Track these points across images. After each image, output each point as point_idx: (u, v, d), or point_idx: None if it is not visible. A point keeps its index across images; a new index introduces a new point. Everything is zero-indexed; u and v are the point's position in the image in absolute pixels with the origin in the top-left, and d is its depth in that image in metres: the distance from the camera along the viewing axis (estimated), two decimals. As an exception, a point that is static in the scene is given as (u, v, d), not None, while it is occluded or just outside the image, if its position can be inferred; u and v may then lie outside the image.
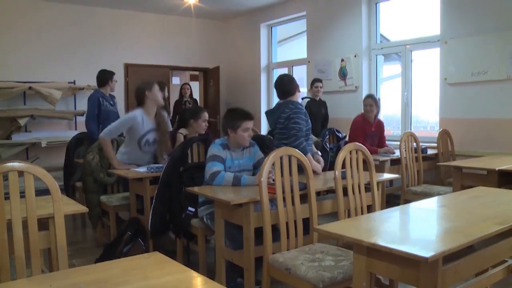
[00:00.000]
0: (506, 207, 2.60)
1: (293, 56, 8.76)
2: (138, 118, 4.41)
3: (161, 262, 1.78)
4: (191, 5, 8.22)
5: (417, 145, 5.29)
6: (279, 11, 8.55)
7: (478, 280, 2.67)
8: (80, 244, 4.93)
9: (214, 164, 3.42)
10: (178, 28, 9.35)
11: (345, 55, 7.22)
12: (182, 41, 9.39)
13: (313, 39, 7.87)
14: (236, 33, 9.66)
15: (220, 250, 3.24)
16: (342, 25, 7.30)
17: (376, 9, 7.07)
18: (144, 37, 8.69)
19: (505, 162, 4.42)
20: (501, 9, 5.38)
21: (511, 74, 5.32)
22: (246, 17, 9.36)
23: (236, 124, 3.50)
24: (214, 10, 8.87)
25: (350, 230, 2.12)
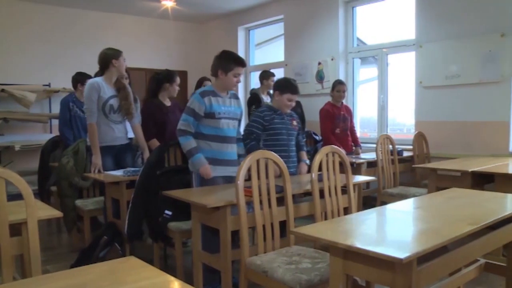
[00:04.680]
0: (479, 207, 2.65)
1: (270, 59, 8.77)
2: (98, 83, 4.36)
3: (137, 267, 1.76)
4: (168, 8, 8.20)
5: (393, 148, 5.35)
6: (257, 14, 8.57)
7: (451, 279, 2.72)
8: (55, 249, 4.85)
9: (186, 119, 3.50)
10: (156, 31, 9.30)
11: (322, 58, 7.26)
12: (160, 44, 9.35)
13: (290, 42, 7.90)
14: (214, 36, 9.65)
15: (197, 253, 3.22)
16: (320, 28, 7.35)
17: (353, 13, 7.14)
18: (122, 39, 8.60)
19: (478, 163, 4.50)
20: (474, 15, 5.48)
21: (483, 78, 5.43)
22: (224, 20, 9.36)
23: (229, 66, 3.51)
24: (192, 13, 8.85)
25: (326, 232, 2.13)
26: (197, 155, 3.46)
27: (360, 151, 5.81)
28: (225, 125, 3.57)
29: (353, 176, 3.53)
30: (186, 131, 3.49)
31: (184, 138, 3.50)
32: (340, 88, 5.72)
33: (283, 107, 3.92)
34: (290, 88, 3.89)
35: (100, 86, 4.35)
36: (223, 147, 3.58)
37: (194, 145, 3.48)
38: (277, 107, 3.95)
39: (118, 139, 4.50)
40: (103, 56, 4.44)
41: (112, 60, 4.40)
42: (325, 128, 5.65)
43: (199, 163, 3.46)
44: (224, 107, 3.57)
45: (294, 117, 4.10)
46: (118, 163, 4.53)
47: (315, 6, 7.41)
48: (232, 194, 2.85)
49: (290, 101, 3.91)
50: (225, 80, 3.54)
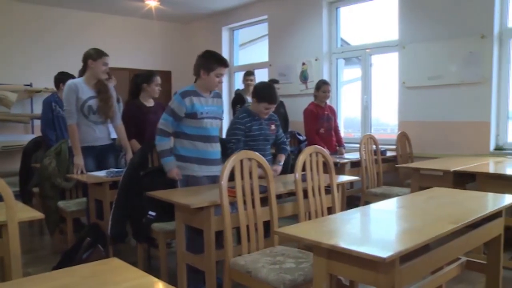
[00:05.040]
0: (460, 206, 2.68)
1: (254, 59, 8.78)
2: (76, 84, 4.32)
3: (120, 268, 1.75)
4: (152, 7, 8.16)
5: (376, 148, 5.39)
6: (241, 15, 8.57)
7: (434, 277, 2.75)
8: (37, 252, 4.79)
9: (165, 118, 3.52)
10: (139, 31, 9.26)
11: (306, 59, 7.29)
12: (144, 44, 9.31)
13: (274, 42, 7.91)
14: (198, 36, 9.62)
15: (181, 254, 3.21)
16: (303, 29, 7.38)
17: (337, 13, 7.17)
18: (105, 39, 8.52)
19: (460, 163, 4.55)
20: (455, 17, 5.55)
21: (464, 78, 5.49)
22: (208, 20, 9.34)
23: (211, 66, 3.51)
24: (176, 13, 8.82)
25: (310, 232, 2.14)
26: (167, 158, 3.51)
27: (344, 151, 5.84)
28: (208, 125, 3.57)
29: (336, 176, 3.55)
30: (164, 131, 3.52)
31: (160, 138, 3.53)
32: (325, 88, 5.73)
33: (260, 114, 3.89)
34: (267, 98, 3.81)
35: (78, 87, 4.31)
36: (207, 147, 3.58)
37: (167, 147, 3.52)
38: (256, 112, 3.91)
39: (99, 140, 4.46)
40: (84, 55, 4.40)
41: (89, 60, 4.35)
42: (309, 128, 5.67)
43: (168, 166, 3.51)
44: (206, 107, 3.56)
45: (273, 120, 4.04)
46: (101, 163, 4.50)
47: (299, 7, 7.43)
48: (216, 194, 2.84)
49: (267, 110, 3.86)
50: (207, 80, 3.54)
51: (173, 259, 3.69)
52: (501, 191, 3.45)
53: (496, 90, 5.39)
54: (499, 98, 5.42)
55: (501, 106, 5.43)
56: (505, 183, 3.96)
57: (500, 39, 5.37)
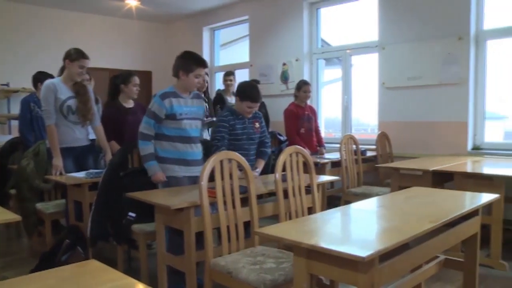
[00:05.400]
0: (438, 205, 2.71)
1: (235, 59, 8.77)
2: (54, 84, 4.26)
3: (99, 270, 1.72)
4: (132, 7, 8.10)
5: (356, 148, 5.43)
6: (222, 15, 8.56)
7: (413, 276, 2.78)
8: (14, 255, 4.71)
9: (146, 121, 3.51)
10: (120, 31, 9.18)
11: (287, 59, 7.31)
12: (124, 43, 9.24)
13: (255, 43, 7.92)
14: (179, 36, 9.59)
15: (161, 255, 3.19)
16: (284, 29, 7.40)
17: (317, 14, 7.21)
18: (84, 38, 8.43)
19: (438, 163, 4.61)
20: (434, 18, 5.62)
21: (442, 79, 5.57)
22: (188, 20, 9.31)
23: (190, 67, 3.50)
24: (157, 13, 8.78)
25: (290, 232, 2.14)
26: (150, 162, 3.50)
27: (324, 151, 5.86)
28: (187, 126, 3.57)
29: (317, 176, 3.56)
30: (147, 135, 3.51)
31: (143, 142, 3.51)
32: (306, 88, 5.75)
33: (244, 113, 3.89)
34: (250, 96, 3.82)
35: (56, 87, 4.25)
36: (187, 147, 3.57)
37: (150, 151, 3.51)
38: (239, 112, 3.92)
39: (79, 141, 4.41)
40: (65, 53, 4.35)
41: (66, 60, 4.30)
42: (290, 129, 5.68)
43: (151, 170, 3.50)
44: (185, 108, 3.56)
45: (257, 119, 4.04)
46: (80, 165, 4.44)
47: (280, 7, 7.45)
48: (196, 195, 2.83)
49: (250, 108, 3.87)
50: (187, 81, 3.53)
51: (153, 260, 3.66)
52: (478, 190, 3.51)
53: (473, 91, 5.48)
54: (476, 98, 5.51)
55: (478, 106, 5.52)
56: (481, 182, 4.03)
57: (477, 41, 5.46)
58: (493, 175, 4.03)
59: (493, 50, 5.47)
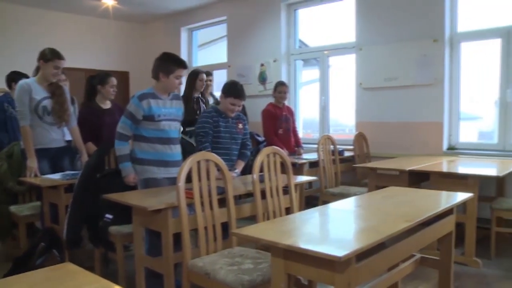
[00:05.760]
0: (415, 205, 2.75)
1: (213, 60, 8.75)
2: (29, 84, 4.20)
3: (74, 273, 1.70)
4: (109, 6, 8.02)
5: (334, 148, 5.46)
6: (200, 15, 8.53)
7: (389, 274, 2.81)
8: (-13, 259, 4.62)
9: (124, 121, 3.49)
10: (96, 30, 9.06)
11: (265, 60, 7.32)
12: (101, 43, 9.12)
13: (233, 43, 7.91)
14: (157, 36, 9.52)
15: (139, 257, 3.16)
16: (262, 30, 7.40)
17: (295, 15, 7.24)
18: (60, 38, 8.27)
19: (414, 162, 4.67)
20: (410, 21, 5.69)
21: (418, 80, 5.64)
22: (166, 21, 9.26)
23: (170, 69, 3.48)
24: (134, 13, 8.71)
25: (267, 233, 2.14)
26: (125, 163, 3.49)
27: (302, 151, 5.88)
28: (166, 127, 3.55)
29: (294, 176, 3.57)
30: (123, 135, 3.49)
31: (119, 142, 3.50)
32: (281, 89, 5.77)
33: (227, 111, 3.89)
34: (234, 92, 3.85)
35: (30, 87, 4.19)
36: (166, 149, 3.56)
37: (125, 152, 3.50)
38: (223, 111, 3.93)
39: (54, 142, 4.35)
40: (39, 53, 4.28)
41: (40, 61, 4.24)
42: (268, 129, 5.69)
43: (124, 171, 3.50)
44: (164, 109, 3.54)
45: (240, 120, 4.05)
46: (56, 166, 4.38)
47: (258, 8, 7.46)
48: (174, 196, 2.82)
49: (233, 105, 3.87)
50: (167, 83, 3.52)
51: (131, 262, 3.63)
52: (453, 189, 3.57)
53: (448, 91, 5.56)
54: (451, 99, 5.60)
55: (453, 107, 5.61)
56: (456, 181, 4.09)
57: (451, 43, 5.55)
58: (468, 174, 4.10)
59: (466, 52, 5.57)
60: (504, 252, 4.43)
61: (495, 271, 3.95)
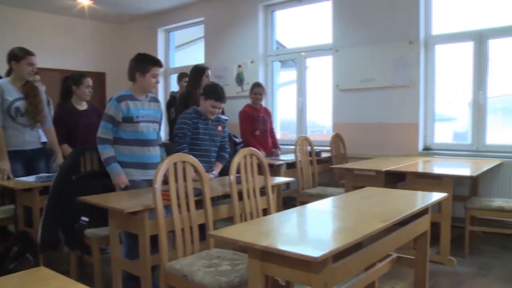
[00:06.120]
0: (390, 205, 2.78)
1: (191, 61, 8.70)
2: (1, 85, 4.12)
3: (48, 278, 1.66)
4: (85, 6, 7.92)
5: (311, 149, 5.49)
6: (177, 16, 8.49)
7: (366, 274, 2.83)
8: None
9: (104, 126, 3.46)
10: (72, 30, 8.93)
11: (242, 61, 7.32)
12: (76, 44, 8.99)
13: (210, 44, 7.90)
14: (133, 37, 9.44)
15: (115, 260, 3.13)
16: (240, 31, 7.41)
17: (272, 17, 7.26)
18: (34, 37, 8.10)
19: (391, 163, 4.72)
20: (386, 23, 5.76)
21: (394, 82, 5.71)
22: (143, 21, 9.19)
23: (146, 68, 3.47)
24: (110, 13, 8.62)
25: (244, 234, 2.14)
26: (112, 165, 3.45)
27: (279, 152, 5.89)
28: (144, 129, 3.53)
29: (272, 177, 3.58)
30: (105, 139, 3.46)
31: (102, 146, 3.46)
32: (257, 90, 5.78)
33: (207, 113, 3.88)
34: (215, 94, 3.83)
35: (3, 88, 4.11)
36: (144, 151, 3.54)
37: (111, 154, 3.46)
38: (203, 112, 3.90)
39: (29, 144, 4.28)
40: (7, 55, 4.20)
41: (12, 62, 4.17)
42: (245, 130, 5.69)
43: (114, 173, 3.45)
44: (142, 111, 3.52)
45: (220, 122, 4.04)
46: (31, 169, 4.31)
47: (235, 10, 7.45)
48: (150, 198, 2.79)
49: (213, 108, 3.86)
50: (144, 82, 3.50)
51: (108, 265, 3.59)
52: (428, 189, 3.63)
53: (423, 93, 5.64)
54: (426, 100, 5.68)
55: (428, 108, 5.69)
56: (431, 181, 4.15)
57: (426, 45, 5.63)
58: (442, 174, 4.16)
59: (441, 55, 5.66)
60: (477, 250, 4.50)
61: (469, 269, 4.02)
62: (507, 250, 4.48)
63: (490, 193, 5.06)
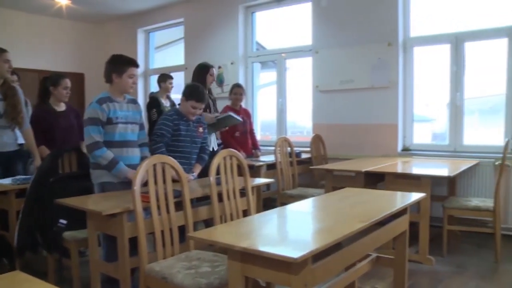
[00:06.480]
0: (370, 205, 2.80)
1: (170, 62, 8.68)
2: None
3: (24, 282, 1.63)
4: (62, 6, 7.81)
5: (291, 150, 5.50)
6: (156, 17, 8.44)
7: (346, 274, 2.85)
8: None
9: (94, 130, 3.34)
10: (49, 30, 8.80)
11: (222, 62, 7.31)
12: (54, 44, 8.87)
13: (191, 45, 7.87)
14: (113, 37, 9.36)
15: (94, 263, 3.09)
16: (220, 32, 7.40)
17: (253, 18, 7.27)
18: (10, 37, 7.95)
19: (370, 164, 4.76)
20: (365, 25, 5.82)
21: (373, 83, 5.76)
22: (122, 22, 9.11)
23: (122, 68, 3.42)
24: (89, 13, 8.52)
25: (224, 235, 2.14)
26: (118, 165, 3.35)
27: (259, 153, 5.89)
28: (122, 130, 3.49)
29: (252, 178, 3.58)
30: (98, 143, 3.35)
31: (99, 151, 3.34)
32: (237, 91, 5.77)
33: (188, 114, 3.86)
34: (195, 95, 3.81)
35: None
36: (122, 152, 3.49)
37: (112, 155, 3.35)
38: (184, 113, 3.88)
39: (6, 146, 4.22)
40: None
41: None
42: (224, 132, 5.67)
43: (124, 172, 3.37)
44: (121, 112, 3.48)
45: (201, 123, 4.03)
46: (8, 171, 4.24)
47: (215, 11, 7.44)
48: (129, 200, 2.77)
49: (194, 109, 3.84)
50: (121, 83, 3.46)
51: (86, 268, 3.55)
52: (407, 189, 3.66)
53: (402, 94, 5.71)
54: (405, 101, 5.75)
55: (407, 109, 5.76)
56: (410, 182, 4.20)
57: (405, 47, 5.70)
58: (421, 175, 4.21)
59: (420, 56, 5.74)
60: (455, 249, 4.57)
61: (447, 267, 4.07)
62: (483, 248, 4.55)
63: (467, 193, 5.14)
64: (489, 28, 5.24)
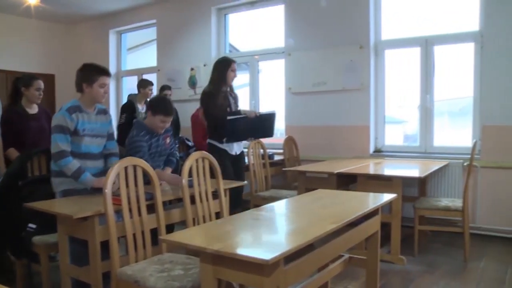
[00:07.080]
0: (342, 206, 2.82)
1: (143, 64, 8.61)
2: None
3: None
4: (31, 5, 7.65)
5: (264, 152, 5.51)
6: (129, 18, 8.37)
7: (319, 275, 2.87)
8: None
9: (61, 138, 3.23)
10: (18, 30, 8.62)
11: (194, 64, 7.29)
12: (23, 44, 8.68)
13: (163, 47, 7.82)
14: (84, 38, 9.23)
15: (65, 268, 3.04)
16: (192, 34, 7.37)
17: (225, 20, 7.26)
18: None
19: (343, 165, 4.80)
20: (338, 28, 5.88)
21: (346, 85, 5.83)
22: (94, 22, 9.00)
23: (93, 78, 3.32)
24: (60, 13, 8.39)
25: (196, 238, 2.13)
26: (84, 175, 3.25)
27: None
28: (88, 142, 3.38)
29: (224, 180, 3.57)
30: (64, 152, 3.24)
31: (64, 160, 3.23)
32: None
33: (157, 129, 3.75)
34: (163, 110, 3.68)
35: None
36: (86, 164, 3.36)
37: (78, 165, 3.25)
38: (152, 128, 3.80)
39: None
40: None
41: None
42: (197, 134, 5.65)
43: (89, 182, 3.28)
44: (88, 124, 3.38)
45: (168, 133, 3.94)
46: None
47: (188, 12, 7.41)
48: (100, 203, 2.73)
49: (163, 123, 3.72)
50: (92, 93, 3.35)
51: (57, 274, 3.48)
52: (379, 190, 3.70)
53: (373, 96, 5.78)
54: (376, 103, 5.82)
55: (378, 111, 5.84)
56: (382, 183, 4.25)
57: (376, 50, 5.78)
58: (392, 176, 4.27)
59: (392, 59, 5.82)
60: (426, 248, 4.64)
61: (418, 267, 4.13)
62: (453, 247, 4.64)
63: (437, 193, 5.24)
64: (457, 33, 5.36)
